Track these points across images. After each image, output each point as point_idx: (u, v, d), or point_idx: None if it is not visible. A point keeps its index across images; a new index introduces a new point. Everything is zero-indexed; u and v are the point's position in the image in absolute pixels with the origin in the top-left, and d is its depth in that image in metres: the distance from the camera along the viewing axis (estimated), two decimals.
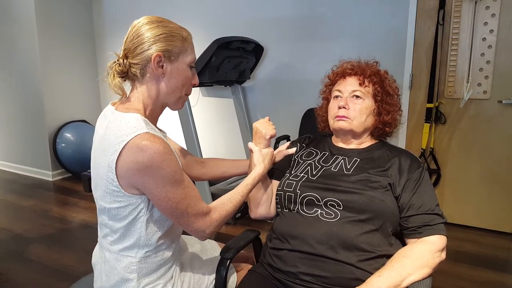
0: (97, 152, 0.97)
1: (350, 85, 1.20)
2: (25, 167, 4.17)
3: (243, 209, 2.78)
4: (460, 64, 2.57)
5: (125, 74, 0.99)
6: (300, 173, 1.20)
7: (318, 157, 1.24)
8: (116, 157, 0.89)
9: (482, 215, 2.67)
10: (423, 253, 0.99)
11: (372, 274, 0.97)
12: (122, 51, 0.99)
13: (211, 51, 2.60)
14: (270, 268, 1.12)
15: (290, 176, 1.20)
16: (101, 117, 1.03)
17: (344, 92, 1.21)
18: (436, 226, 1.04)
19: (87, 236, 2.68)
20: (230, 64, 2.86)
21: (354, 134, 1.21)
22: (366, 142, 1.23)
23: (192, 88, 1.10)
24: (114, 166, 0.90)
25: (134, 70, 0.97)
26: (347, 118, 1.18)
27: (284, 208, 1.17)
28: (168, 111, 1.12)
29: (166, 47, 0.96)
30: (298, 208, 1.12)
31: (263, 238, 1.23)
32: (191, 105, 3.48)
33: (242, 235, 1.25)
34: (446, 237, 1.04)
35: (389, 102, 1.21)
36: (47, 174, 3.99)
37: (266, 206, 1.24)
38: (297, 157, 1.28)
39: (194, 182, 1.48)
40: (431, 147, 2.75)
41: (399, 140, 2.78)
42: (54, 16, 3.82)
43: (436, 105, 2.66)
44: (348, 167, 1.16)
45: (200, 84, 3.05)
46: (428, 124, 2.68)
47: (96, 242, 1.12)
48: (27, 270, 2.21)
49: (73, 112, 4.10)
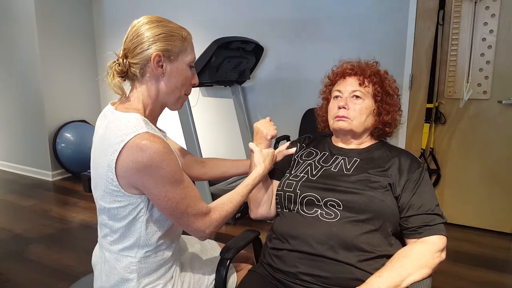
0: (97, 152, 0.97)
1: (350, 85, 1.20)
2: (25, 167, 4.17)
3: (243, 209, 2.78)
4: (460, 64, 2.57)
5: (124, 74, 0.98)
6: (300, 173, 1.20)
7: (318, 157, 1.24)
8: (116, 156, 0.89)
9: (482, 215, 2.67)
10: (423, 253, 0.99)
11: (372, 274, 0.97)
12: (121, 51, 0.99)
13: (211, 51, 2.60)
14: (270, 268, 1.12)
15: (290, 176, 1.20)
16: (101, 117, 1.03)
17: (344, 92, 1.21)
18: (436, 226, 1.04)
19: (87, 236, 2.68)
20: (230, 64, 2.86)
21: (354, 134, 1.21)
22: (366, 142, 1.23)
23: (192, 88, 1.10)
24: (114, 165, 0.90)
25: (133, 70, 0.97)
26: (347, 118, 1.18)
27: (284, 208, 1.17)
28: (168, 111, 1.12)
29: (166, 46, 0.96)
30: (298, 208, 1.12)
31: (263, 238, 1.23)
32: (191, 105, 3.48)
33: (242, 235, 1.25)
34: (446, 237, 1.04)
35: (389, 102, 1.21)
36: (47, 174, 3.98)
37: (266, 206, 1.24)
38: (297, 157, 1.28)
39: (194, 182, 1.48)
40: (431, 147, 2.75)
41: (399, 140, 2.78)
42: (54, 16, 3.82)
43: (436, 105, 2.66)
44: (348, 167, 1.16)
45: (200, 84, 3.05)
46: (428, 124, 2.68)
47: (96, 242, 1.12)
48: (27, 270, 2.21)
49: (73, 112, 4.10)
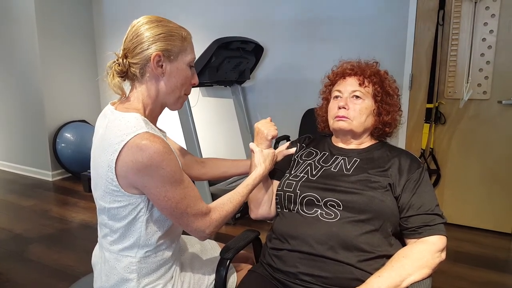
0: (96, 152, 0.97)
1: (350, 85, 1.20)
2: (25, 167, 4.17)
3: (243, 209, 2.78)
4: (460, 64, 2.57)
5: (124, 74, 0.98)
6: (300, 173, 1.20)
7: (318, 157, 1.24)
8: (115, 156, 0.89)
9: (482, 216, 2.67)
10: (423, 253, 0.99)
11: (372, 274, 0.97)
12: (121, 51, 0.99)
13: (211, 51, 2.60)
14: (270, 268, 1.12)
15: (290, 176, 1.20)
16: (100, 116, 1.03)
17: (344, 92, 1.21)
18: (436, 226, 1.03)
19: (87, 236, 2.68)
20: (230, 64, 2.86)
21: (354, 134, 1.21)
22: (366, 142, 1.23)
23: (192, 88, 1.10)
24: (114, 165, 0.90)
25: (133, 69, 0.97)
26: (347, 118, 1.18)
27: (284, 208, 1.17)
28: (168, 111, 1.12)
29: (166, 46, 0.96)
30: (298, 208, 1.12)
31: (263, 238, 1.23)
32: (191, 105, 3.48)
33: (242, 235, 1.25)
34: (446, 237, 1.04)
35: (389, 103, 1.21)
36: (47, 174, 3.98)
37: (266, 206, 1.24)
38: (297, 157, 1.28)
39: (194, 182, 1.48)
40: (431, 148, 2.75)
41: (399, 140, 2.78)
42: (54, 16, 3.82)
43: (436, 105, 2.66)
44: (348, 167, 1.16)
45: (200, 84, 3.05)
46: (428, 125, 2.68)
47: (96, 242, 1.12)
48: (27, 270, 2.21)
49: (73, 112, 4.10)
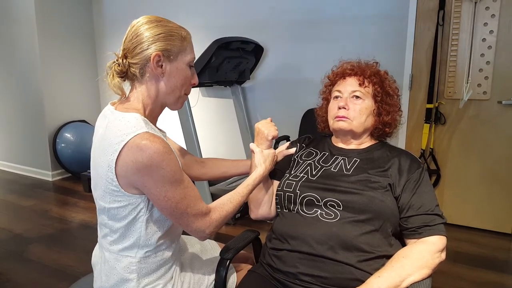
0: (96, 152, 0.97)
1: (350, 85, 1.20)
2: (25, 167, 4.17)
3: (243, 209, 2.78)
4: (460, 64, 2.57)
5: (124, 74, 0.98)
6: (300, 173, 1.19)
7: (318, 157, 1.24)
8: (115, 156, 0.89)
9: (482, 216, 2.67)
10: (423, 253, 0.99)
11: (372, 274, 0.97)
12: (121, 51, 0.99)
13: (211, 51, 2.60)
14: (269, 268, 1.12)
15: (290, 176, 1.20)
16: (100, 117, 1.03)
17: (344, 93, 1.20)
18: (436, 226, 1.03)
19: (87, 236, 2.68)
20: (230, 64, 2.86)
21: (354, 135, 1.21)
22: (366, 143, 1.23)
23: (192, 88, 1.10)
24: (114, 165, 0.90)
25: (133, 70, 0.97)
26: (347, 118, 1.18)
27: (284, 208, 1.17)
28: (168, 111, 1.12)
29: (165, 46, 0.96)
30: (298, 208, 1.12)
31: (263, 238, 1.23)
32: (191, 105, 3.48)
33: (241, 235, 1.25)
34: (446, 237, 1.04)
35: (389, 103, 1.21)
36: (47, 174, 3.98)
37: (267, 206, 1.24)
38: (297, 157, 1.28)
39: (194, 182, 1.48)
40: (431, 148, 2.75)
41: (399, 140, 2.78)
42: (54, 16, 3.82)
43: (436, 105, 2.66)
44: (348, 167, 1.16)
45: (200, 85, 3.05)
46: (428, 125, 2.68)
47: (96, 242, 1.12)
48: (27, 270, 2.21)
49: (73, 112, 4.10)
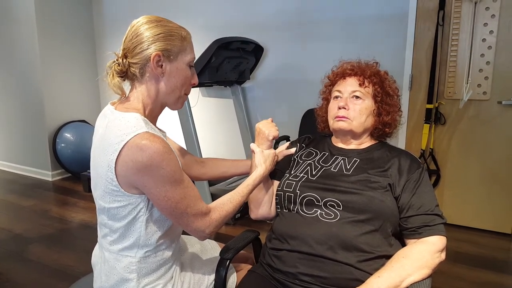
0: (96, 152, 0.97)
1: (350, 85, 1.20)
2: (25, 167, 4.17)
3: (242, 209, 2.78)
4: (460, 65, 2.57)
5: (124, 74, 0.98)
6: (300, 173, 1.20)
7: (317, 157, 1.24)
8: (115, 156, 0.89)
9: (482, 216, 2.67)
10: (423, 253, 0.99)
11: (372, 274, 0.97)
12: (121, 51, 0.99)
13: (211, 51, 2.60)
14: (269, 268, 1.12)
15: (289, 176, 1.20)
16: (100, 116, 1.03)
17: (344, 93, 1.21)
18: (436, 226, 1.03)
19: (87, 236, 2.68)
20: (230, 64, 2.86)
21: (354, 135, 1.21)
22: (366, 143, 1.23)
23: (192, 88, 1.10)
24: (114, 165, 0.90)
25: (133, 69, 0.97)
26: (346, 118, 1.18)
27: (283, 208, 1.17)
28: (168, 111, 1.12)
29: (165, 46, 0.96)
30: (297, 208, 1.12)
31: (263, 238, 1.23)
32: (191, 105, 3.48)
33: (241, 235, 1.25)
34: (446, 237, 1.04)
35: (389, 103, 1.21)
36: (47, 174, 3.98)
37: (267, 206, 1.24)
38: (296, 157, 1.28)
39: (193, 182, 1.48)
40: (430, 148, 2.75)
41: (399, 140, 2.78)
42: (54, 16, 3.82)
43: (436, 105, 2.66)
44: (348, 167, 1.16)
45: (200, 85, 3.05)
46: (428, 125, 2.68)
47: (95, 242, 1.12)
48: (27, 270, 2.21)
49: (72, 112, 4.10)
